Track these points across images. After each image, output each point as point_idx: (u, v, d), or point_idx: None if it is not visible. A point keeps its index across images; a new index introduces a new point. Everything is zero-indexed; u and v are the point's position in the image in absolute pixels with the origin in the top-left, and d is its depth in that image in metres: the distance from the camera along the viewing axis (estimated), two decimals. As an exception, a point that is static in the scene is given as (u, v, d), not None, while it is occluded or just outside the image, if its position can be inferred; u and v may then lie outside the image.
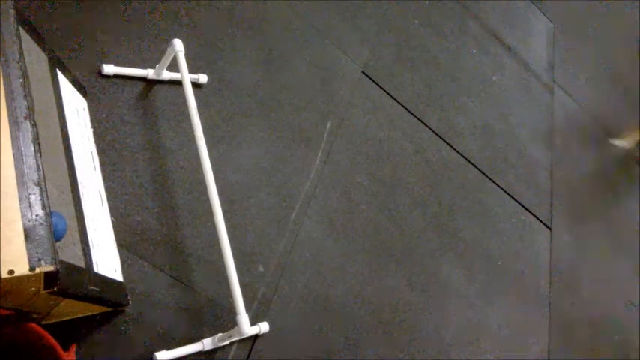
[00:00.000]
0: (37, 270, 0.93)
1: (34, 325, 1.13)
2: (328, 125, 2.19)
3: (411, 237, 2.18)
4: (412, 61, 2.66)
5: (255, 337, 1.67)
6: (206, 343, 1.54)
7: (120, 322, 1.47)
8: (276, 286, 1.78)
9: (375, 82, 2.44)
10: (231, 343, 1.61)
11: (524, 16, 3.45)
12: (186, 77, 1.64)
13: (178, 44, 1.66)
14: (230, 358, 1.59)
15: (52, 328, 1.17)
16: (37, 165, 1.03)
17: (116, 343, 1.45)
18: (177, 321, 1.56)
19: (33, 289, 0.98)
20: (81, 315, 1.38)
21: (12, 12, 1.15)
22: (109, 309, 1.44)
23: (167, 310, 1.55)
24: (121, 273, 1.49)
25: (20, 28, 1.18)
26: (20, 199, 0.97)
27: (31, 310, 1.13)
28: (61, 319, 1.32)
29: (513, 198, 2.61)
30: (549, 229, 2.67)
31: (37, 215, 0.98)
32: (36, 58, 1.31)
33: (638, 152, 2.86)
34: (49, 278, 0.97)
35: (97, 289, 1.22)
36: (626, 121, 3.55)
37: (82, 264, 1.18)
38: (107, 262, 1.39)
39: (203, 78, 1.93)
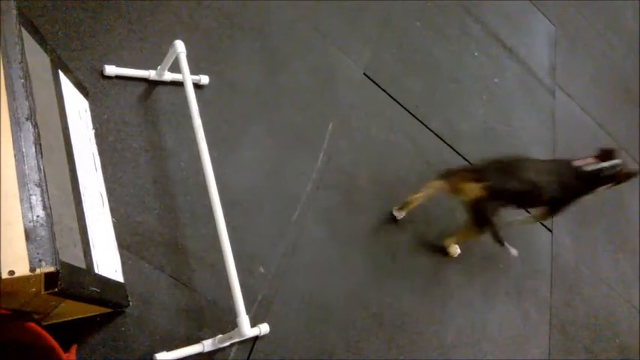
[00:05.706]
0: (38, 271, 0.93)
1: (34, 325, 1.13)
2: (329, 127, 2.19)
3: (412, 239, 2.18)
4: (414, 63, 2.66)
5: (256, 338, 1.67)
6: (206, 345, 1.54)
7: (120, 323, 1.47)
8: (276, 287, 1.77)
9: (377, 84, 2.44)
10: (232, 345, 1.60)
11: (525, 19, 3.45)
12: (188, 78, 1.64)
13: (180, 45, 1.66)
14: (230, 359, 1.59)
15: (52, 329, 1.17)
16: (38, 166, 1.03)
17: (116, 344, 1.45)
18: (177, 322, 1.55)
19: (33, 289, 0.98)
20: (81, 316, 1.38)
21: (14, 13, 1.15)
22: (110, 310, 1.44)
23: (167, 311, 1.55)
24: (122, 274, 1.49)
25: (22, 29, 1.19)
26: (21, 200, 0.97)
27: (32, 310, 1.13)
28: (61, 320, 1.32)
29: (515, 200, 2.60)
30: (550, 231, 2.67)
31: (37, 216, 0.98)
32: (38, 59, 1.31)
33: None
34: (50, 279, 0.97)
35: (98, 290, 1.22)
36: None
37: (82, 265, 1.18)
38: (108, 262, 1.39)
39: (205, 79, 1.93)
